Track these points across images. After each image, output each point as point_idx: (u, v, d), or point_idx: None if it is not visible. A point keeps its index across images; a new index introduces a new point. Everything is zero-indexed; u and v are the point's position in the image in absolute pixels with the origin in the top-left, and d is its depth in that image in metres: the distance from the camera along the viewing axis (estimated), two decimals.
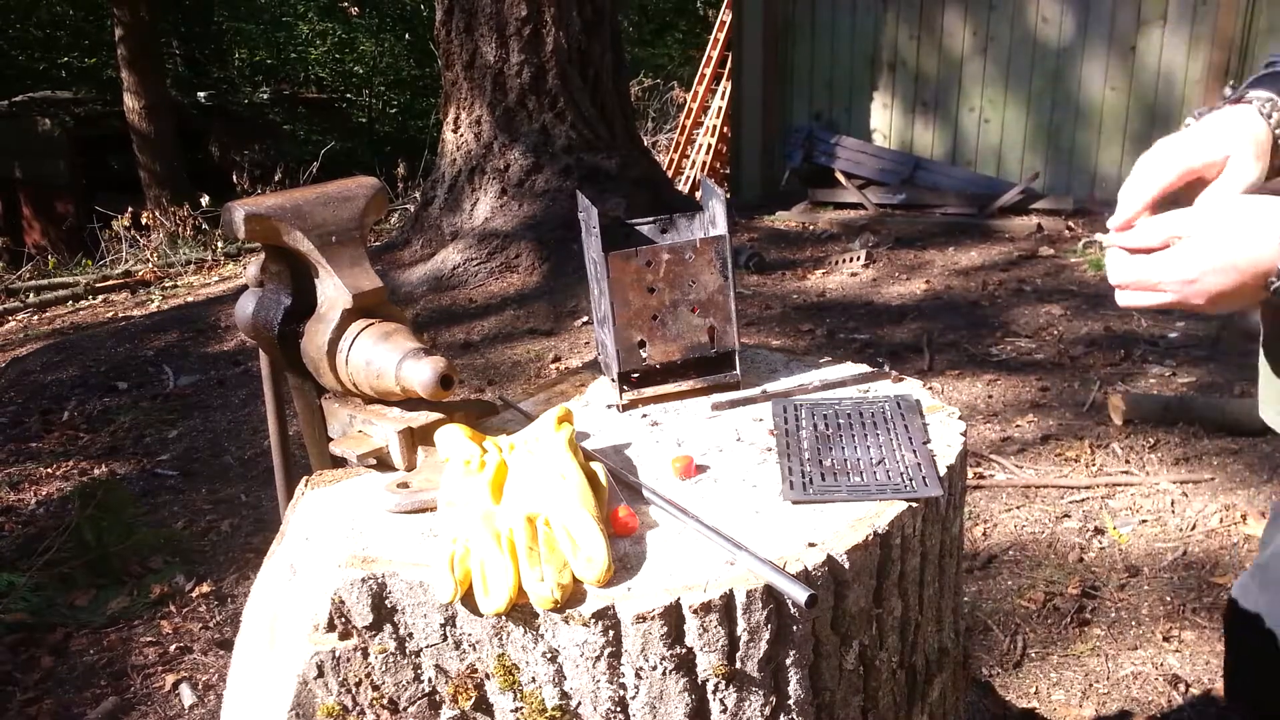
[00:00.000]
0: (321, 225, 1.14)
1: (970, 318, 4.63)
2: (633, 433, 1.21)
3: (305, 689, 0.92)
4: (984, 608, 2.55)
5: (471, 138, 5.80)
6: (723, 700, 0.90)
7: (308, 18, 16.06)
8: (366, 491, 1.08)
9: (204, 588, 2.86)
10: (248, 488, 3.53)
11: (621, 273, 1.21)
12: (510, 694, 0.90)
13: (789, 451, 1.09)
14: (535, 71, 5.67)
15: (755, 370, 1.35)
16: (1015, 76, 6.77)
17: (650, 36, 14.95)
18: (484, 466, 1.01)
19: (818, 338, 4.53)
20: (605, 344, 1.28)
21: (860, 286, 5.31)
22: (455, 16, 5.73)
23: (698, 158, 8.49)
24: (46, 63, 14.42)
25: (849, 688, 0.98)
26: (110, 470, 3.74)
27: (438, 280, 5.50)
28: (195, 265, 7.33)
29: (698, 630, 0.87)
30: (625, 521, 0.96)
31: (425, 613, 0.90)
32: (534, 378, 4.25)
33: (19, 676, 2.52)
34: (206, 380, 4.65)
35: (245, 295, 1.23)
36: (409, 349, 1.08)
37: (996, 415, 3.63)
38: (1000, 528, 2.90)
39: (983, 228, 6.20)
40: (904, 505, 0.98)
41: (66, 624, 2.72)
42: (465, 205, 5.80)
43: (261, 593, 1.02)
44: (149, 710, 2.40)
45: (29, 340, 5.74)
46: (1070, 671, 2.32)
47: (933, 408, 1.20)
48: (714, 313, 1.26)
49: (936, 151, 7.10)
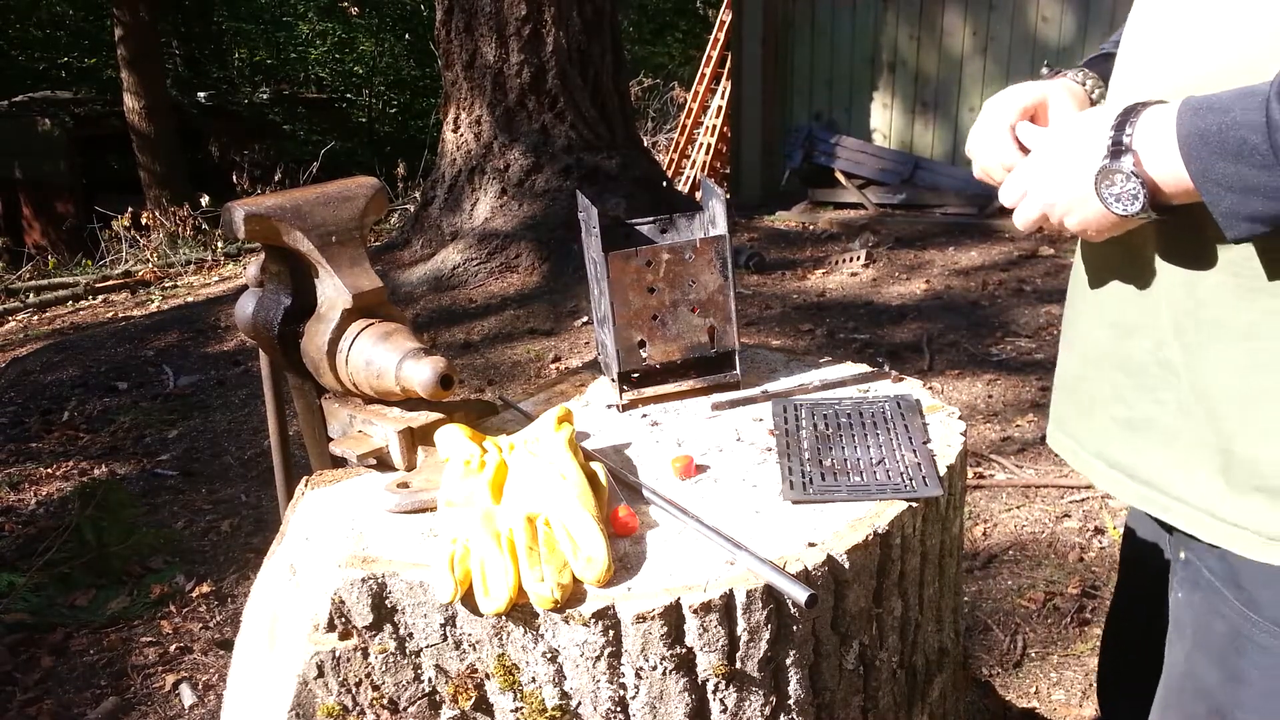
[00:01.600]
0: (321, 225, 1.14)
1: (970, 318, 4.63)
2: (633, 433, 1.21)
3: (305, 689, 0.92)
4: (984, 608, 2.55)
5: (471, 138, 5.80)
6: (723, 700, 0.90)
7: (308, 18, 16.06)
8: (366, 491, 1.08)
9: (204, 588, 2.86)
10: (248, 488, 3.53)
11: (621, 273, 1.21)
12: (510, 694, 0.90)
13: (789, 451, 1.09)
14: (535, 71, 5.67)
15: (755, 370, 1.35)
16: (1015, 76, 6.75)
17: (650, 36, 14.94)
18: (484, 466, 1.01)
19: (818, 338, 4.53)
20: (605, 344, 1.28)
21: (860, 286, 5.31)
22: (455, 16, 5.72)
23: (698, 158, 8.49)
24: (46, 63, 14.42)
25: (849, 688, 0.98)
26: (110, 470, 3.74)
27: (438, 280, 5.50)
28: (195, 265, 7.33)
29: (698, 630, 0.87)
30: (625, 521, 0.96)
31: (425, 613, 0.90)
32: (534, 378, 4.25)
33: (19, 676, 2.52)
34: (206, 380, 4.65)
35: (245, 295, 1.23)
36: (409, 349, 1.08)
37: (996, 415, 3.63)
38: (1000, 528, 2.90)
39: (983, 227, 6.20)
40: (904, 505, 0.98)
41: (66, 624, 2.72)
42: (465, 205, 5.80)
43: (261, 593, 1.02)
44: (149, 710, 2.40)
45: (29, 340, 5.73)
46: (1070, 671, 2.32)
47: (933, 408, 1.20)
48: (714, 313, 1.26)
49: (936, 151, 7.10)
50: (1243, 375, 0.90)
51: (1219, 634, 0.97)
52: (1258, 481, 0.90)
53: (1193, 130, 0.80)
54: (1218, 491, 0.93)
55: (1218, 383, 0.92)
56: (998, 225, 6.21)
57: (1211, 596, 0.97)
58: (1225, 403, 0.91)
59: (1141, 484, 1.01)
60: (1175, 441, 0.96)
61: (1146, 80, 0.95)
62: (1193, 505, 0.96)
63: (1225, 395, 0.91)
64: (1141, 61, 0.98)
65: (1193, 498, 0.96)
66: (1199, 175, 0.80)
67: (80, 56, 14.59)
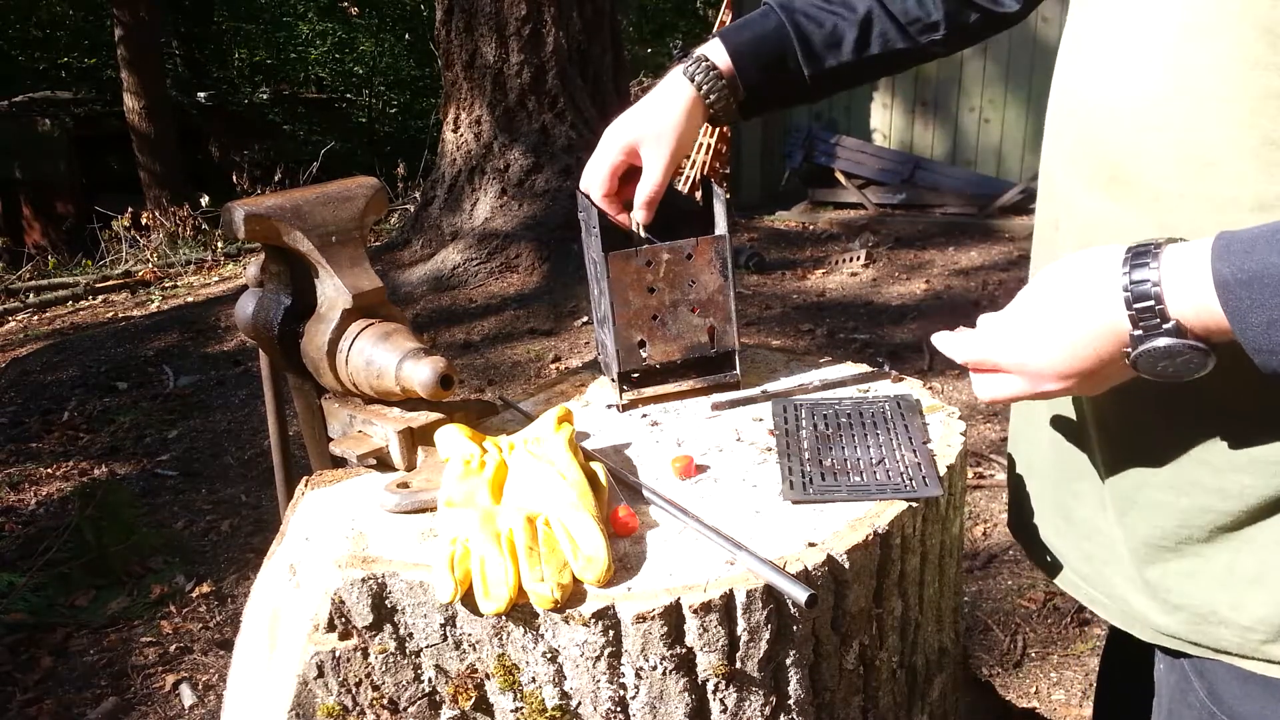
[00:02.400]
0: (321, 225, 1.14)
1: (970, 318, 4.61)
2: (633, 433, 1.21)
3: (305, 689, 0.92)
4: (984, 608, 2.55)
5: (471, 138, 5.80)
6: (723, 700, 0.90)
7: (308, 18, 16.05)
8: (366, 491, 1.08)
9: (204, 588, 2.86)
10: (248, 488, 3.53)
11: (621, 273, 1.21)
12: (510, 694, 0.90)
13: (789, 451, 1.09)
14: (535, 71, 5.67)
15: (755, 370, 1.35)
16: (1015, 76, 6.77)
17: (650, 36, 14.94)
18: (484, 466, 1.01)
19: (818, 338, 4.53)
20: (605, 344, 1.28)
21: (860, 286, 5.31)
22: (455, 16, 5.72)
23: (698, 158, 8.49)
24: (46, 63, 14.41)
25: (849, 688, 0.98)
26: (110, 470, 3.74)
27: (438, 280, 5.50)
28: (195, 265, 7.33)
29: (698, 630, 0.87)
30: (625, 521, 0.96)
31: (425, 613, 0.90)
32: (534, 378, 4.25)
33: (19, 676, 2.52)
34: (206, 380, 4.65)
35: (245, 295, 1.23)
36: (409, 349, 1.08)
37: (996, 415, 3.63)
38: (1000, 528, 2.90)
39: (983, 227, 6.20)
40: (904, 505, 0.98)
41: (66, 624, 2.72)
42: (465, 205, 5.80)
43: (261, 593, 1.02)
44: (149, 710, 2.40)
45: (29, 340, 5.73)
46: (1070, 671, 2.32)
47: (933, 408, 1.20)
48: (714, 313, 1.26)
49: (936, 151, 7.10)
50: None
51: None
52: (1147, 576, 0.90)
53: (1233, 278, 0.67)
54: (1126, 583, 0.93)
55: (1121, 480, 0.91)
56: (998, 225, 6.21)
57: (1183, 682, 0.95)
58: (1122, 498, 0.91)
59: (1071, 571, 1.02)
60: (1096, 535, 0.97)
61: (1090, 95, 0.90)
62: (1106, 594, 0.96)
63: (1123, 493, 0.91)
64: (1083, 74, 0.92)
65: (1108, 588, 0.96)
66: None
67: (80, 56, 14.58)
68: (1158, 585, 0.90)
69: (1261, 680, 0.85)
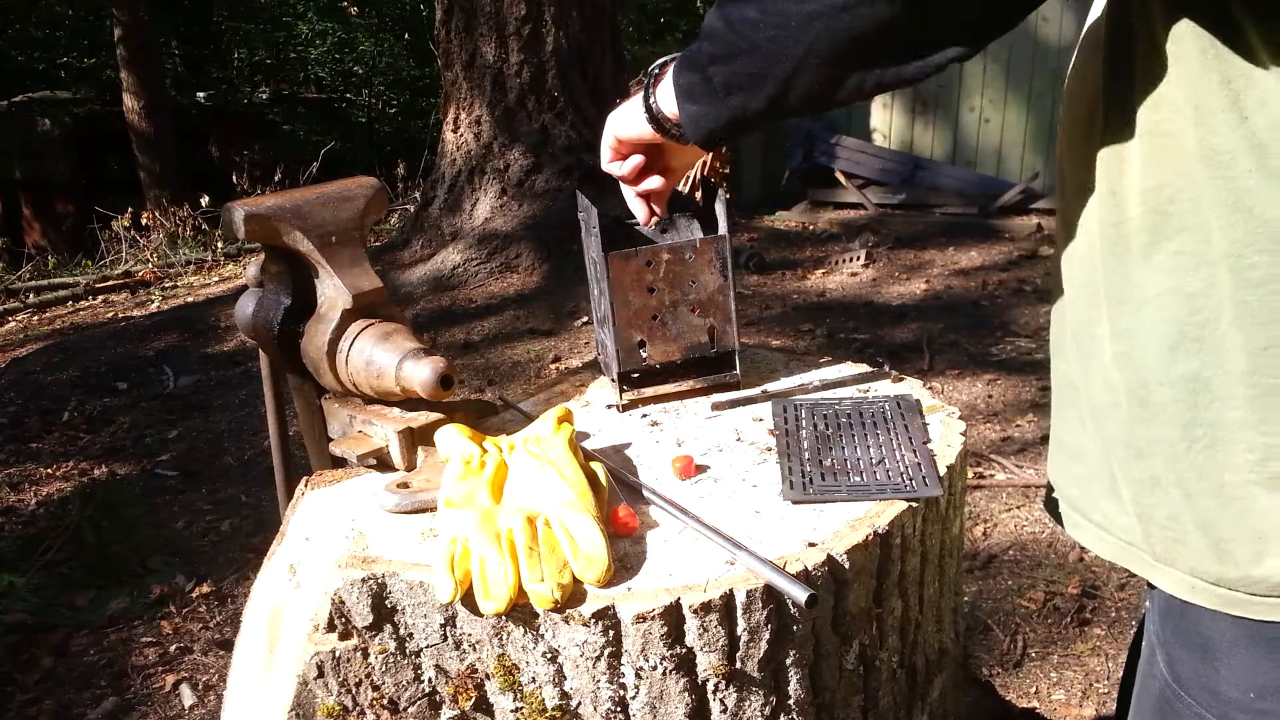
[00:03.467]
0: (321, 225, 1.14)
1: (970, 318, 4.63)
2: (633, 433, 1.21)
3: (305, 689, 0.92)
4: (984, 608, 2.55)
5: (471, 138, 5.80)
6: (723, 700, 0.90)
7: (307, 18, 16.03)
8: (366, 491, 1.08)
9: (204, 588, 2.86)
10: (248, 488, 3.53)
11: (621, 273, 1.21)
12: (510, 694, 0.90)
13: (789, 451, 1.09)
14: (535, 71, 5.67)
15: (755, 370, 1.35)
16: (1015, 76, 6.77)
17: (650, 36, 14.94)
18: (484, 466, 1.01)
19: (818, 338, 4.53)
20: (605, 344, 1.28)
21: (860, 286, 5.31)
22: (455, 16, 5.72)
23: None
24: (46, 63, 14.41)
25: (849, 688, 0.98)
26: (110, 470, 3.74)
27: (438, 280, 5.50)
28: (195, 265, 7.33)
29: (698, 630, 0.87)
30: (625, 521, 0.96)
31: (425, 613, 0.90)
32: (534, 378, 4.25)
33: (19, 676, 2.52)
34: (206, 380, 4.65)
35: (245, 295, 1.23)
36: (409, 349, 1.08)
37: (996, 415, 3.63)
38: (1000, 528, 2.90)
39: (983, 227, 6.19)
40: (904, 505, 0.98)
41: (66, 624, 2.72)
42: (465, 205, 5.80)
43: (261, 593, 1.02)
44: (149, 710, 2.40)
45: (29, 340, 5.73)
46: (1070, 671, 2.32)
47: (933, 408, 1.20)
48: (714, 313, 1.26)
49: (936, 151, 7.10)
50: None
51: (1153, 694, 0.92)
52: (1130, 493, 0.88)
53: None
54: (1113, 510, 0.91)
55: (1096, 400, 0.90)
56: (998, 225, 6.21)
57: (1150, 653, 0.93)
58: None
59: (1064, 500, 1.01)
60: (1083, 458, 0.95)
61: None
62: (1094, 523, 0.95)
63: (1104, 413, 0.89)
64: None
65: (1095, 515, 0.95)
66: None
67: (80, 56, 14.57)
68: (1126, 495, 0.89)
69: (1201, 644, 0.85)
